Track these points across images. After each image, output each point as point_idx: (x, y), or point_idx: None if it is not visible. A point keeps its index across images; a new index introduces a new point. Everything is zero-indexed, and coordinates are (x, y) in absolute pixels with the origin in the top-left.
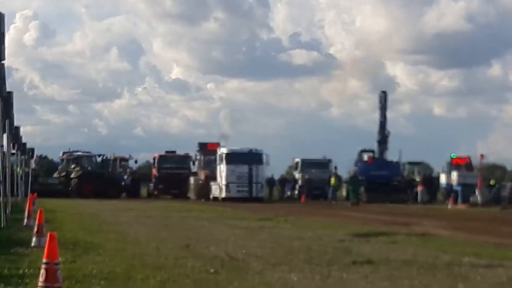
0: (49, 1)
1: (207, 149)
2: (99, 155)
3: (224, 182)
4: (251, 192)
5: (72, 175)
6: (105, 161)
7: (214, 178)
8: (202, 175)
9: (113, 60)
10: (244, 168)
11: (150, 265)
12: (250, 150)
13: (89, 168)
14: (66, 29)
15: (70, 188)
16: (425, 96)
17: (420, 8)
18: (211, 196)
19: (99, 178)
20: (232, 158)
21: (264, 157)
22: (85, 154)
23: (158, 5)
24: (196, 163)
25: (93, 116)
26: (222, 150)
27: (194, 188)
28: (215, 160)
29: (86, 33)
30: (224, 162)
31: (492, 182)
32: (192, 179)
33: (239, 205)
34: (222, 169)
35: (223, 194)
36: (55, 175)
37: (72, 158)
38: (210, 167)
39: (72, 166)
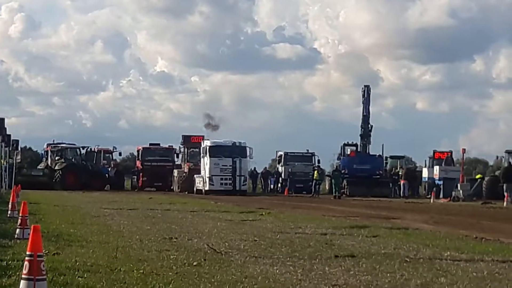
0: None
1: (191, 142)
2: (83, 147)
3: (207, 174)
4: (234, 185)
5: (56, 167)
6: (89, 153)
7: (198, 171)
8: (185, 168)
9: (98, 53)
10: (228, 161)
11: (133, 258)
12: (234, 143)
13: (73, 160)
14: (51, 22)
15: (54, 180)
16: (408, 90)
17: (403, 3)
18: (195, 189)
19: (83, 170)
20: (216, 150)
21: (248, 150)
22: (69, 146)
23: None
24: (180, 155)
25: (77, 108)
26: (206, 143)
27: (177, 181)
28: (199, 152)
29: (71, 25)
30: (207, 155)
31: (478, 176)
32: (176, 172)
33: (222, 198)
34: (205, 162)
35: (207, 187)
36: (39, 166)
37: (56, 150)
38: (194, 159)
39: (56, 158)
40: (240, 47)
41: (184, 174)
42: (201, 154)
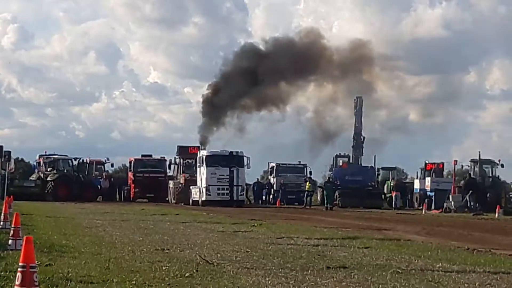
0: (28, 5)
1: (187, 153)
2: (75, 158)
3: (204, 184)
4: (232, 195)
5: (48, 178)
6: (81, 165)
7: (194, 182)
8: (181, 179)
9: (91, 64)
10: (225, 171)
11: (126, 269)
12: (231, 153)
13: (65, 171)
14: (44, 33)
15: (46, 191)
16: (401, 101)
17: (397, 15)
18: (191, 200)
19: (75, 181)
20: (212, 160)
21: (245, 159)
22: (61, 157)
23: (136, 9)
24: (172, 166)
25: (70, 120)
26: (202, 153)
27: (173, 192)
28: (194, 163)
29: (64, 36)
30: (204, 164)
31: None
32: (171, 183)
33: (215, 209)
34: (202, 172)
35: (203, 197)
36: (32, 178)
37: (48, 161)
38: (189, 170)
39: (48, 169)
40: None
41: (180, 185)
42: (198, 164)
